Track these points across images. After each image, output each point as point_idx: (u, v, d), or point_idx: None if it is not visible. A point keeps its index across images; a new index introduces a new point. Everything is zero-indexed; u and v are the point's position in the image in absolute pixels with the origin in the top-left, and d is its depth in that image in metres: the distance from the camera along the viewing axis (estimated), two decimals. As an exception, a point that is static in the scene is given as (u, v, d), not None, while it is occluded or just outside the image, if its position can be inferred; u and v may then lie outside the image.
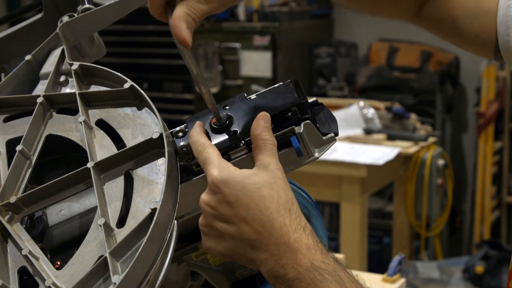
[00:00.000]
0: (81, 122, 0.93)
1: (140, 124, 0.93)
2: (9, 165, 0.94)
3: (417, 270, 3.60)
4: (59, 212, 0.95)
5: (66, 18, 1.06)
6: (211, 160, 0.86)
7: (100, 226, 0.84)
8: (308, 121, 0.91)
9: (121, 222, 0.86)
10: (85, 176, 0.90)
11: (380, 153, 3.13)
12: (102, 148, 0.92)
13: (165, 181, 0.85)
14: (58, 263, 0.90)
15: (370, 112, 3.51)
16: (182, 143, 0.90)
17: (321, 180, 3.08)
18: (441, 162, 3.50)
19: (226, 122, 0.91)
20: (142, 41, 5.03)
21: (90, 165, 0.89)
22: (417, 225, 3.59)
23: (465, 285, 3.56)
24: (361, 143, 3.26)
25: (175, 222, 0.87)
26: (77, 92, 0.96)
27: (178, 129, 0.93)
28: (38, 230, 0.93)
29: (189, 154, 0.90)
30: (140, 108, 0.94)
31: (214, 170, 0.84)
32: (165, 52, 4.84)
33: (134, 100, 0.95)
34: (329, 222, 4.18)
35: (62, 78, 1.02)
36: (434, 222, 3.65)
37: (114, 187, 0.89)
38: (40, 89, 1.03)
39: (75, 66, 0.99)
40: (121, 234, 0.85)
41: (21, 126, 0.98)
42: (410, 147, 3.35)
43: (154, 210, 0.84)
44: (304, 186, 1.07)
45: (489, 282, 3.50)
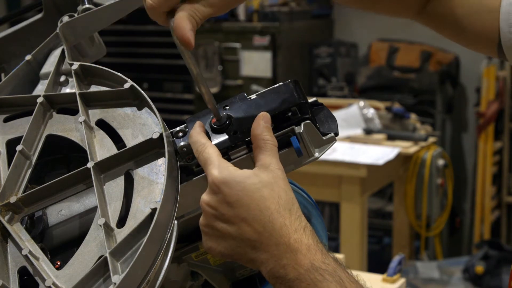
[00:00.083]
0: (81, 122, 0.93)
1: (140, 124, 0.93)
2: (9, 165, 0.94)
3: (417, 270, 3.60)
4: (59, 212, 0.95)
5: (66, 18, 1.06)
6: (212, 160, 0.86)
7: (100, 226, 0.84)
8: (308, 121, 0.91)
9: (121, 222, 0.86)
10: (85, 176, 0.90)
11: (380, 153, 3.13)
12: (102, 148, 0.92)
13: (165, 181, 0.85)
14: (58, 263, 0.90)
15: (370, 112, 3.51)
16: (182, 143, 0.90)
17: (321, 180, 3.08)
18: (441, 162, 3.50)
19: (226, 122, 0.91)
20: (142, 41, 5.03)
21: (90, 165, 0.89)
22: (417, 225, 3.59)
23: (465, 285, 3.56)
24: (361, 143, 3.26)
25: (175, 222, 0.87)
26: (77, 92, 0.96)
27: (178, 129, 0.93)
28: (38, 230, 0.93)
29: (189, 154, 0.90)
30: (140, 108, 0.94)
31: (214, 170, 0.84)
32: (165, 52, 4.84)
33: (134, 100, 0.95)
34: (329, 222, 4.18)
35: (62, 78, 1.02)
36: (434, 222, 3.65)
37: (114, 187, 0.89)
38: (40, 89, 1.03)
39: (75, 66, 0.99)
40: (121, 234, 0.85)
41: (21, 126, 0.98)
42: (410, 147, 3.35)
43: (154, 210, 0.84)
44: (304, 186, 1.07)
45: (489, 282, 3.50)
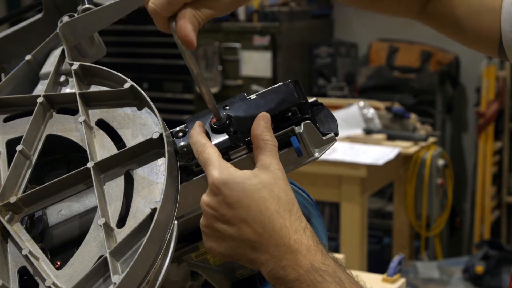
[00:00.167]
0: (81, 122, 0.93)
1: (140, 124, 0.93)
2: (9, 165, 0.94)
3: (417, 270, 3.60)
4: (59, 212, 0.95)
5: (66, 18, 1.06)
6: (212, 161, 0.85)
7: (100, 226, 0.84)
8: (308, 121, 0.91)
9: (121, 222, 0.86)
10: (85, 176, 0.90)
11: (380, 153, 3.13)
12: (102, 148, 0.92)
13: (165, 181, 0.85)
14: (58, 263, 0.90)
15: (370, 112, 3.51)
16: (182, 143, 0.90)
17: (321, 180, 3.08)
18: (441, 162, 3.50)
19: (226, 122, 0.90)
20: (142, 41, 5.02)
21: (90, 165, 0.89)
22: (417, 225, 3.59)
23: (465, 285, 3.56)
24: (361, 143, 3.26)
25: (175, 222, 0.87)
26: (77, 92, 0.96)
27: (178, 129, 0.93)
28: (38, 230, 0.93)
29: (189, 154, 0.90)
30: (140, 108, 0.94)
31: (214, 171, 0.84)
32: (165, 52, 4.84)
33: (134, 100, 0.95)
34: (329, 222, 4.18)
35: (62, 78, 1.02)
36: (434, 222, 3.65)
37: (114, 187, 0.89)
38: (40, 89, 1.03)
39: (75, 66, 0.99)
40: (121, 234, 0.85)
41: (21, 126, 0.98)
42: (410, 147, 3.35)
43: (154, 210, 0.84)
44: (304, 186, 1.07)
45: (489, 282, 3.50)
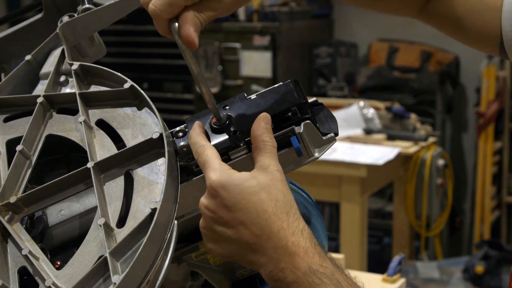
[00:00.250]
0: (81, 122, 0.93)
1: (140, 124, 0.93)
2: (9, 165, 0.94)
3: (417, 270, 3.60)
4: (59, 212, 0.95)
5: (66, 18, 1.06)
6: (210, 163, 0.85)
7: (100, 226, 0.84)
8: (308, 121, 0.90)
9: (121, 222, 0.86)
10: (85, 176, 0.90)
11: (380, 153, 3.13)
12: (102, 148, 0.92)
13: (165, 181, 0.85)
14: (58, 263, 0.90)
15: (370, 112, 3.51)
16: (182, 143, 0.90)
17: (321, 180, 3.08)
18: (441, 162, 3.50)
19: (226, 122, 0.90)
20: (142, 41, 5.02)
21: (90, 165, 0.89)
22: (417, 225, 3.59)
23: (465, 285, 3.56)
24: (361, 143, 3.26)
25: (175, 222, 0.87)
26: (77, 92, 0.96)
27: (178, 129, 0.93)
28: (38, 230, 0.93)
29: (189, 154, 0.90)
30: (140, 108, 0.94)
31: (212, 173, 0.84)
32: (165, 52, 4.84)
33: (134, 100, 0.95)
34: (329, 222, 4.18)
35: (62, 78, 1.02)
36: (434, 222, 3.64)
37: (114, 187, 0.89)
38: (40, 89, 1.03)
39: (75, 66, 0.99)
40: (121, 234, 0.85)
41: (21, 126, 0.98)
42: (410, 147, 3.35)
43: (154, 210, 0.84)
44: (304, 186, 1.07)
45: (489, 282, 3.50)
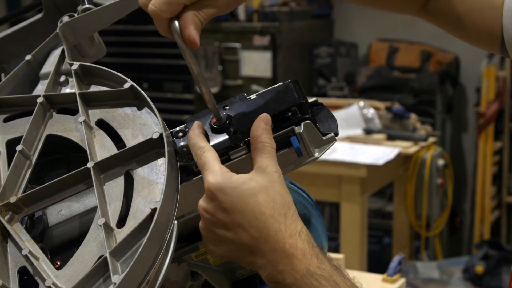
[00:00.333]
0: (81, 122, 0.93)
1: (140, 124, 0.93)
2: (9, 165, 0.94)
3: (417, 270, 3.60)
4: (59, 212, 0.95)
5: (66, 18, 1.06)
6: (208, 165, 0.85)
7: (100, 226, 0.84)
8: (308, 121, 0.90)
9: (121, 222, 0.86)
10: (85, 176, 0.90)
11: (380, 153, 3.13)
12: (102, 148, 0.92)
13: (165, 181, 0.85)
14: (58, 263, 0.90)
15: (370, 112, 3.51)
16: (182, 143, 0.90)
17: (321, 180, 3.08)
18: (441, 162, 3.50)
19: (226, 122, 0.90)
20: (142, 41, 5.02)
21: (90, 165, 0.89)
22: (417, 225, 3.59)
23: (465, 285, 3.56)
24: (361, 143, 3.26)
25: (175, 222, 0.87)
26: (77, 92, 0.96)
27: (178, 129, 0.93)
28: (38, 230, 0.93)
29: (189, 154, 0.90)
30: (140, 108, 0.94)
31: (210, 176, 0.84)
32: (165, 52, 4.84)
33: (134, 100, 0.95)
34: (329, 222, 4.18)
35: (62, 78, 1.02)
36: (434, 222, 3.64)
37: (114, 187, 0.89)
38: (40, 89, 1.03)
39: (75, 66, 0.99)
40: (121, 234, 0.85)
41: (21, 126, 0.98)
42: (410, 147, 3.35)
43: (154, 210, 0.84)
44: (304, 186, 1.07)
45: (489, 282, 3.50)
